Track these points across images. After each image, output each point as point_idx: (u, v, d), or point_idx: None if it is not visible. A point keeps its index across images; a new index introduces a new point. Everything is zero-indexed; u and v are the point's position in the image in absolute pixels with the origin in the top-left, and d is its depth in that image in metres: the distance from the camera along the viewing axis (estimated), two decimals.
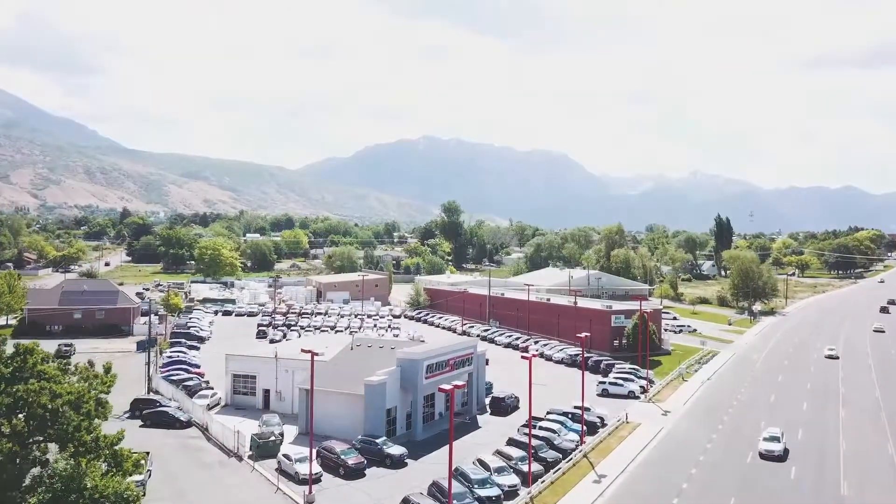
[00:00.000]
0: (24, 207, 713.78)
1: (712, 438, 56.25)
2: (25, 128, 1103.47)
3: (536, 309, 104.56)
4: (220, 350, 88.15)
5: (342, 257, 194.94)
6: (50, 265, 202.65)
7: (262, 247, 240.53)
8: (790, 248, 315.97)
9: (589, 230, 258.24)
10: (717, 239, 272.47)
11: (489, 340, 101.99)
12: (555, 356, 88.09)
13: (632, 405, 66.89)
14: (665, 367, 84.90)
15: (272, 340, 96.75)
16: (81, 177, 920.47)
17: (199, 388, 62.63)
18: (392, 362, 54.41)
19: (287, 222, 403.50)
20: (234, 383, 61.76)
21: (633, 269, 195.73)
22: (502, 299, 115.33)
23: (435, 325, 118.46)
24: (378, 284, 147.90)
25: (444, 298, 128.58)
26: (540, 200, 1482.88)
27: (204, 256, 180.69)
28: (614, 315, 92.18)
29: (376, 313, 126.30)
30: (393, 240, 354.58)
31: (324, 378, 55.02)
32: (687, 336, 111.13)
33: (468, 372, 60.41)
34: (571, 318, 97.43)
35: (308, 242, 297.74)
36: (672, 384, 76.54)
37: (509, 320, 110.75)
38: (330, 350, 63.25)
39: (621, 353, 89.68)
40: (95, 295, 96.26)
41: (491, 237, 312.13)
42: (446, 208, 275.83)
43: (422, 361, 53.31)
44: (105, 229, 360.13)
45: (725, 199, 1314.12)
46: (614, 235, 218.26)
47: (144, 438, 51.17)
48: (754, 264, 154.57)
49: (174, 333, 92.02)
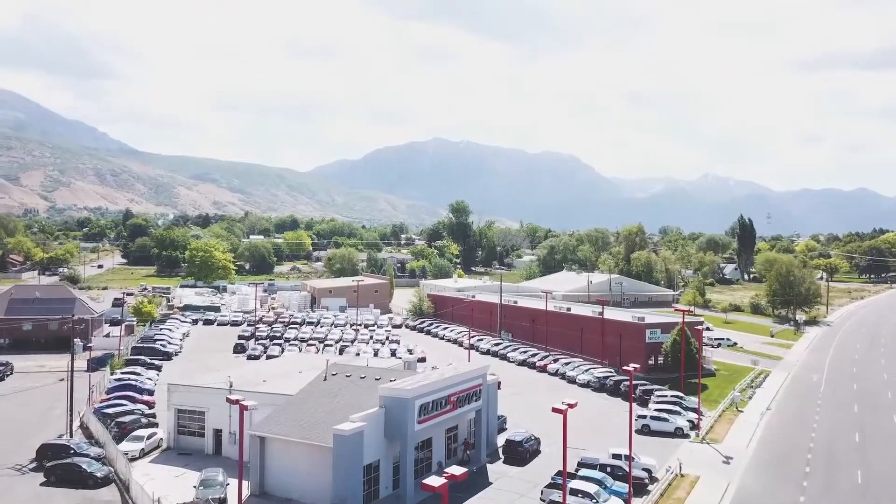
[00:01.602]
0: (33, 209, 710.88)
1: (800, 503, 42.47)
2: (36, 130, 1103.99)
3: (555, 320, 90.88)
4: (187, 369, 75.64)
5: (342, 260, 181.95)
6: (35, 268, 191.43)
7: (261, 249, 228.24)
8: (815, 250, 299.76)
9: (605, 231, 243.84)
10: (739, 241, 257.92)
11: (501, 356, 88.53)
12: (579, 378, 74.39)
13: (682, 447, 53.18)
14: (712, 393, 71.05)
15: (251, 356, 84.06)
16: (91, 179, 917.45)
17: (135, 426, 49.65)
18: (375, 398, 41.17)
19: (292, 223, 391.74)
20: (178, 420, 48.69)
21: (656, 272, 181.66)
22: (515, 308, 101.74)
23: (439, 336, 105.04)
24: (378, 290, 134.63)
25: (449, 307, 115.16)
26: (549, 203, 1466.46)
27: (195, 259, 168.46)
28: (649, 329, 78.36)
29: (374, 323, 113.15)
30: (400, 241, 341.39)
31: (286, 420, 41.81)
32: (727, 351, 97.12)
33: (476, 409, 47.01)
34: (597, 332, 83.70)
35: (311, 244, 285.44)
36: (726, 416, 62.63)
37: (523, 332, 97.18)
38: (303, 376, 50.17)
39: (657, 375, 75.85)
40: (48, 303, 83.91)
41: (501, 239, 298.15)
42: (454, 208, 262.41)
43: (413, 401, 39.96)
44: (105, 231, 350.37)
45: (736, 202, 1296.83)
46: (634, 237, 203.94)
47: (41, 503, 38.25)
48: (795, 268, 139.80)
49: (135, 349, 79.27)
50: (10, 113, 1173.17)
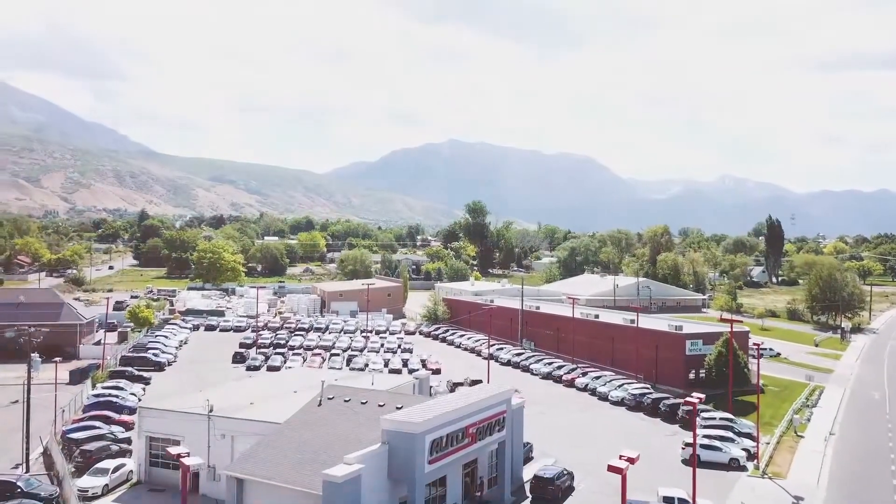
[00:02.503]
0: (53, 211, 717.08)
1: None
2: (57, 132, 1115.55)
3: (583, 328, 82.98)
4: (178, 382, 69.10)
5: (355, 261, 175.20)
6: (44, 269, 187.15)
7: (274, 250, 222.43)
8: (844, 252, 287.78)
9: (628, 233, 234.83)
10: (767, 243, 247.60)
11: (523, 368, 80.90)
12: (612, 395, 66.49)
13: (740, 483, 45.30)
14: (763, 413, 62.27)
15: (251, 367, 77.31)
16: (111, 181, 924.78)
17: (103, 454, 42.85)
18: (377, 430, 33.90)
19: (307, 224, 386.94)
20: (150, 450, 41.77)
21: (683, 276, 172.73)
22: (538, 315, 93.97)
23: (455, 344, 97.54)
24: (391, 293, 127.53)
25: (466, 312, 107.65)
26: (565, 204, 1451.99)
27: (203, 260, 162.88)
28: (689, 340, 70.26)
29: (386, 329, 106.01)
30: (416, 243, 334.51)
31: (269, 458, 34.66)
32: (770, 362, 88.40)
33: (499, 441, 39.53)
34: (630, 343, 75.74)
35: (326, 245, 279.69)
36: (785, 443, 54.51)
37: (547, 341, 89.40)
38: (298, 397, 43.09)
39: (699, 391, 67.58)
40: (33, 309, 77.84)
41: (519, 240, 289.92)
42: (471, 209, 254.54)
43: (422, 436, 32.61)
44: (119, 232, 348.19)
45: (755, 203, 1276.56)
46: (659, 238, 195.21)
47: None
48: (836, 271, 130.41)
49: (123, 359, 72.82)
50: (32, 115, 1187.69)
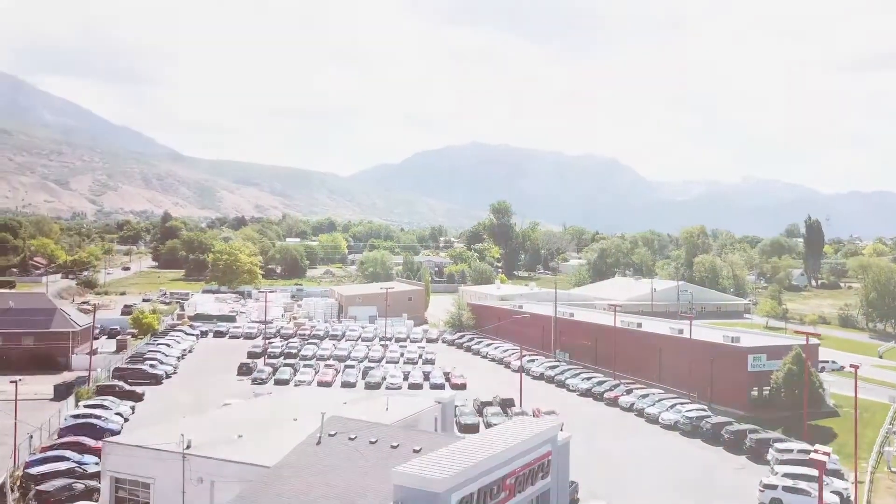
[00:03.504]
0: (81, 213, 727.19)
1: None
2: (86, 136, 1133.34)
3: (625, 339, 74.27)
4: (175, 400, 62.17)
5: (376, 263, 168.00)
6: (59, 271, 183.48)
7: (293, 252, 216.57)
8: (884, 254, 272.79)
9: (661, 234, 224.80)
10: (806, 244, 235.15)
11: (558, 383, 72.53)
12: (663, 417, 57.86)
13: None
14: (845, 443, 53.61)
15: (257, 380, 70.16)
16: (138, 183, 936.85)
17: (63, 497, 35.66)
18: (387, 480, 26.04)
19: (329, 226, 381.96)
20: (115, 493, 34.47)
21: (722, 279, 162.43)
22: (573, 323, 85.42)
23: (481, 354, 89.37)
24: (412, 297, 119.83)
25: (494, 319, 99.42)
26: (589, 205, 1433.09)
27: (219, 262, 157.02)
28: (752, 354, 61.31)
29: (406, 336, 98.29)
30: (438, 244, 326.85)
31: None
32: (834, 377, 78.60)
33: (543, 490, 31.42)
34: (681, 355, 66.97)
35: (347, 247, 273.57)
36: (881, 483, 45.49)
37: (583, 352, 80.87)
38: (297, 426, 35.57)
39: (762, 413, 58.76)
40: (22, 315, 71.78)
41: (545, 241, 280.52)
42: (496, 209, 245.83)
43: (447, 495, 24.66)
44: (141, 233, 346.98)
45: (781, 205, 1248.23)
46: (696, 239, 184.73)
47: None
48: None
49: (117, 371, 66.07)
50: (62, 119, 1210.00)
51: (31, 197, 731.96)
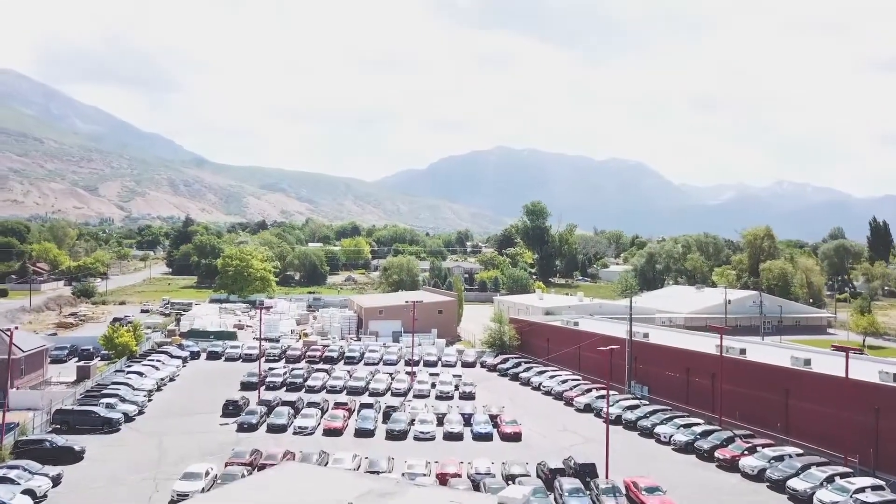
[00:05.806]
0: (109, 219, 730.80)
1: None
2: (115, 143, 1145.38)
3: (732, 373, 55.66)
4: (132, 457, 45.65)
5: (400, 269, 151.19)
6: (62, 277, 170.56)
7: (313, 257, 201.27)
8: None
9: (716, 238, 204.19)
10: (871, 248, 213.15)
11: (642, 431, 54.44)
12: (821, 497, 39.21)
13: None
14: None
15: (244, 425, 53.20)
16: (165, 189, 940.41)
17: None
18: None
19: (352, 230, 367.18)
20: None
21: (794, 287, 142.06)
22: (651, 347, 67.02)
23: (532, 385, 71.35)
24: (443, 310, 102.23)
25: (544, 339, 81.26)
26: (616, 210, 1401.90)
27: (228, 269, 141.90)
28: None
29: (437, 359, 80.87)
30: (466, 249, 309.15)
31: None
32: None
33: None
34: (821, 400, 48.32)
35: (370, 252, 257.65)
36: None
37: (668, 387, 62.50)
38: None
39: None
40: None
41: (583, 246, 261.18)
42: (529, 210, 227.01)
43: None
44: (160, 238, 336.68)
45: (813, 209, 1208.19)
46: (760, 242, 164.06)
47: None
48: None
49: (58, 414, 49.76)
50: (91, 126, 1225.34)
51: (60, 203, 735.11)
